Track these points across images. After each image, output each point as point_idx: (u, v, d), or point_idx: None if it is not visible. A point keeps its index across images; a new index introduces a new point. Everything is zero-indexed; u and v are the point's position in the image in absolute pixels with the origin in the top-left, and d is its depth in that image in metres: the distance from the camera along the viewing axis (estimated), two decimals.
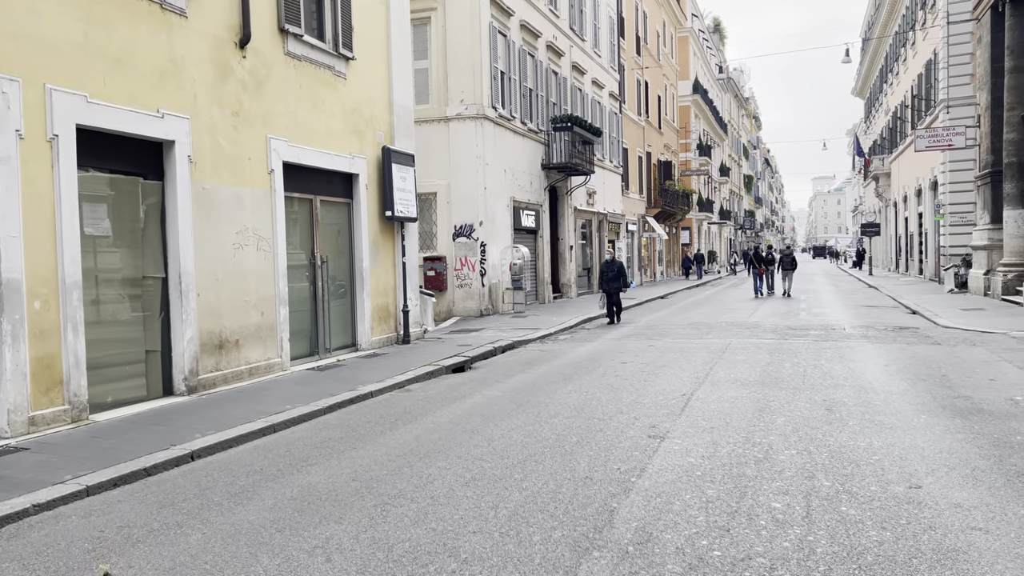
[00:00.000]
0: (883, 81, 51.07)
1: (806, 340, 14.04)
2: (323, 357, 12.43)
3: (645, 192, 39.46)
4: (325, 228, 12.68)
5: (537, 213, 24.20)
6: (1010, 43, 21.12)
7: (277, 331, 11.11)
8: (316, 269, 12.33)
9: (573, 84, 27.49)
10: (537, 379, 10.66)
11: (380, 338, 13.89)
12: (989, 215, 23.37)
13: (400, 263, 14.49)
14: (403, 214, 14.27)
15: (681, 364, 11.50)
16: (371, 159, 13.69)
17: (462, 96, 20.22)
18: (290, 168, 11.55)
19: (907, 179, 40.36)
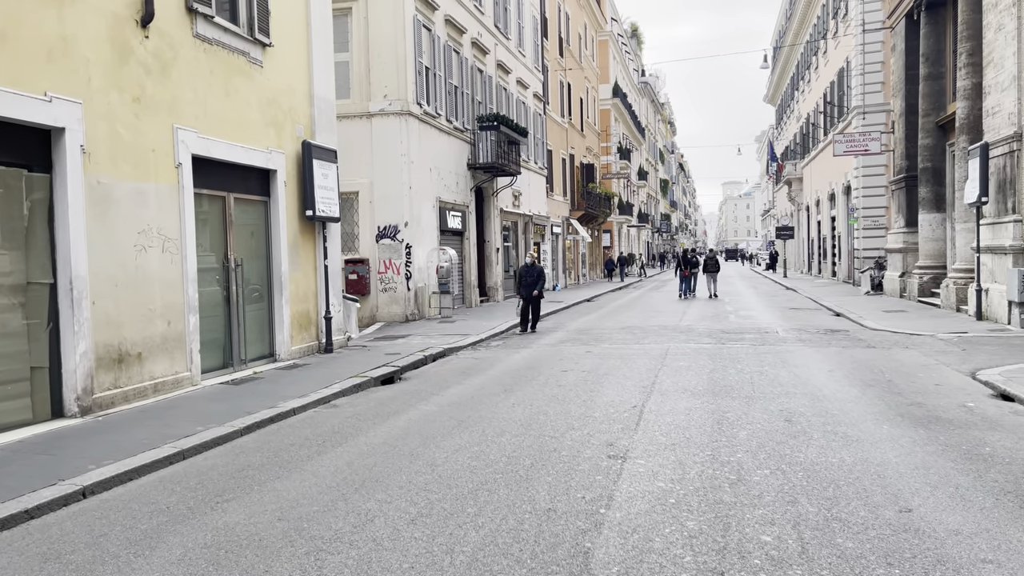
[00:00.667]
0: (794, 88, 52.50)
1: (743, 345, 13.78)
2: (238, 369, 11.39)
3: (569, 195, 39.23)
4: (240, 228, 11.64)
5: (463, 214, 23.47)
6: (925, 51, 21.64)
7: (186, 342, 10.05)
8: (230, 273, 11.28)
9: (498, 83, 26.89)
10: (475, 391, 9.95)
11: (300, 347, 12.90)
12: (904, 219, 23.94)
13: (322, 266, 13.53)
14: (325, 214, 13.33)
15: (624, 372, 10.99)
16: (290, 154, 12.71)
17: (385, 91, 19.32)
18: (200, 162, 10.50)
19: (820, 184, 41.44)
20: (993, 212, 16.07)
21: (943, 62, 21.36)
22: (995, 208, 15.97)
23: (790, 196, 52.77)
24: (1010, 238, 15.18)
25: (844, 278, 34.82)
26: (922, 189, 21.93)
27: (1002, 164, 15.68)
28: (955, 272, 18.69)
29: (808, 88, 45.48)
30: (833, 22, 36.36)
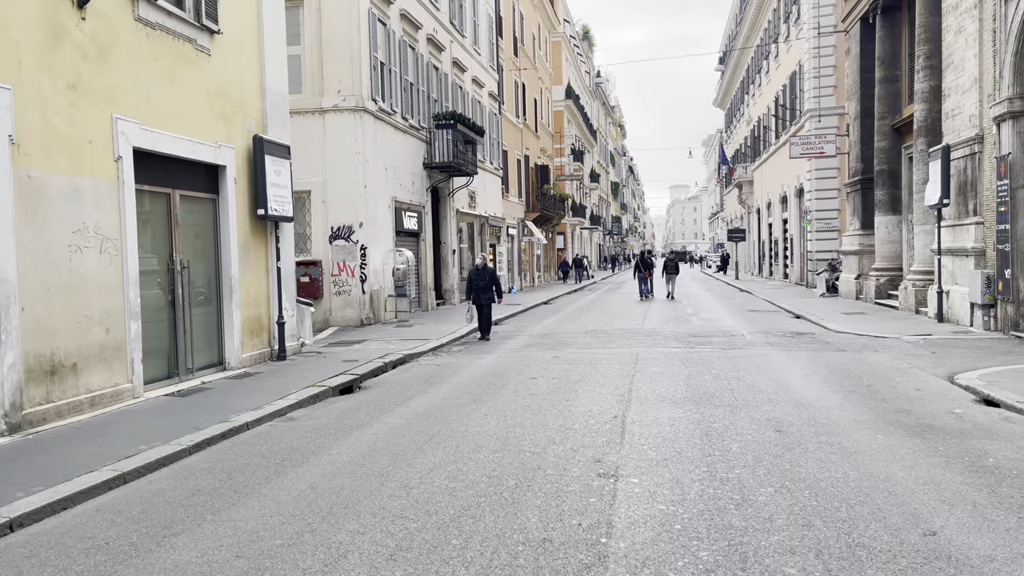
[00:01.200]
0: (744, 92, 53.04)
1: (713, 349, 13.46)
2: (184, 379, 10.61)
3: (524, 196, 38.81)
4: (187, 228, 10.86)
5: (419, 215, 22.82)
6: (881, 54, 21.76)
7: (127, 351, 9.25)
8: (175, 276, 10.49)
9: (454, 81, 26.30)
10: (442, 401, 9.37)
11: (252, 354, 12.14)
12: (859, 221, 24.08)
13: (274, 268, 12.79)
14: (278, 213, 12.59)
15: (596, 379, 10.52)
16: (240, 149, 11.95)
17: (339, 86, 18.58)
18: (143, 156, 9.71)
19: (771, 186, 41.81)
20: (954, 214, 16.10)
21: (899, 65, 21.50)
22: (956, 210, 16.00)
23: (740, 199, 53.27)
24: (971, 240, 15.20)
25: (797, 280, 35.09)
26: (878, 191, 22.04)
27: (963, 166, 15.71)
28: (914, 274, 18.76)
29: (759, 92, 45.92)
30: (785, 26, 36.68)
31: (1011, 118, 13.56)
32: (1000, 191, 13.80)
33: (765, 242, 45.61)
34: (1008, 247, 13.60)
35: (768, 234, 44.44)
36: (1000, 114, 13.77)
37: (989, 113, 14.52)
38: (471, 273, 16.42)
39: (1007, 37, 13.79)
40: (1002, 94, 13.80)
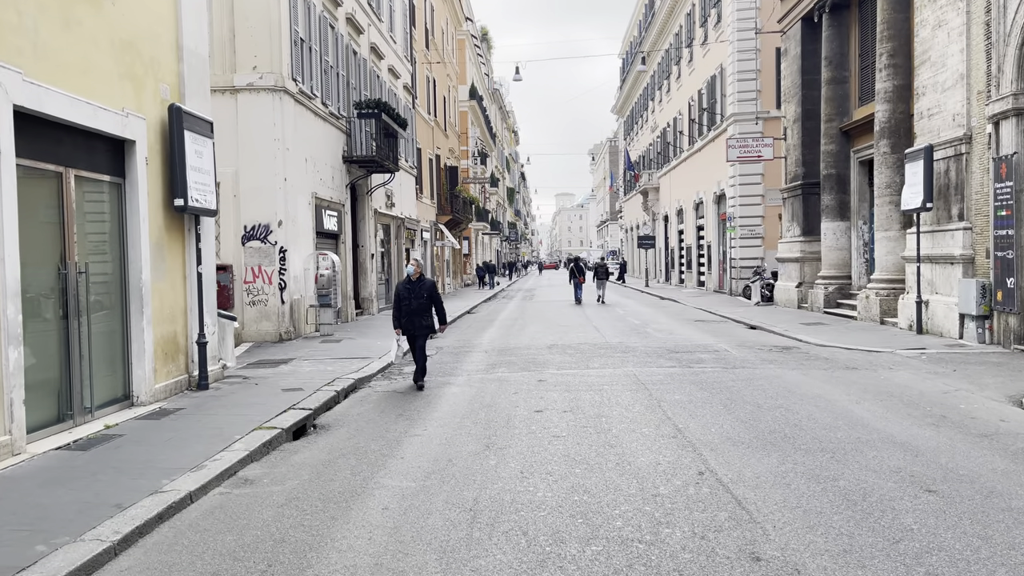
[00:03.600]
0: (649, 99, 52.78)
1: (712, 368, 11.82)
2: (82, 422, 7.93)
3: (435, 198, 36.57)
4: (85, 220, 8.18)
5: (339, 214, 20.28)
6: (828, 54, 21.02)
7: (3, 390, 6.58)
8: (69, 283, 7.81)
9: (372, 68, 23.86)
10: (443, 448, 7.19)
11: (167, 384, 9.51)
12: (799, 227, 23.34)
13: (194, 274, 10.18)
14: (200, 204, 10.01)
15: (619, 411, 8.60)
16: (153, 121, 9.33)
17: (255, 62, 15.92)
18: (27, 120, 7.06)
19: (682, 193, 41.33)
20: (933, 220, 15.22)
21: (847, 66, 20.82)
22: (935, 216, 15.13)
23: (646, 205, 52.91)
24: (959, 247, 14.30)
25: (716, 288, 34.50)
26: (825, 197, 21.28)
27: (944, 168, 14.84)
28: (877, 283, 17.91)
29: (667, 98, 45.53)
30: (702, 30, 36.18)
31: (1015, 115, 12.66)
32: (1000, 194, 12.88)
33: (674, 249, 45.19)
34: (1011, 254, 12.68)
35: (678, 241, 44.02)
36: (1001, 111, 12.85)
37: (982, 111, 13.64)
38: (400, 289, 10.81)
39: (1007, 31, 12.91)
40: (1003, 90, 12.89)
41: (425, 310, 10.64)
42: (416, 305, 10.59)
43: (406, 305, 10.62)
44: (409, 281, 10.73)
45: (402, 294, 10.67)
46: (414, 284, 10.68)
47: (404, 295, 10.65)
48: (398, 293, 10.71)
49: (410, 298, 10.62)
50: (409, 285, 10.69)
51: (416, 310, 10.59)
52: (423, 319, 10.64)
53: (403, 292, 10.68)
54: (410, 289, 10.66)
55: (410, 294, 10.63)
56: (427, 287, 10.69)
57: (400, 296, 10.67)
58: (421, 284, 10.69)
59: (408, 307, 10.61)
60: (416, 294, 10.62)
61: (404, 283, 10.75)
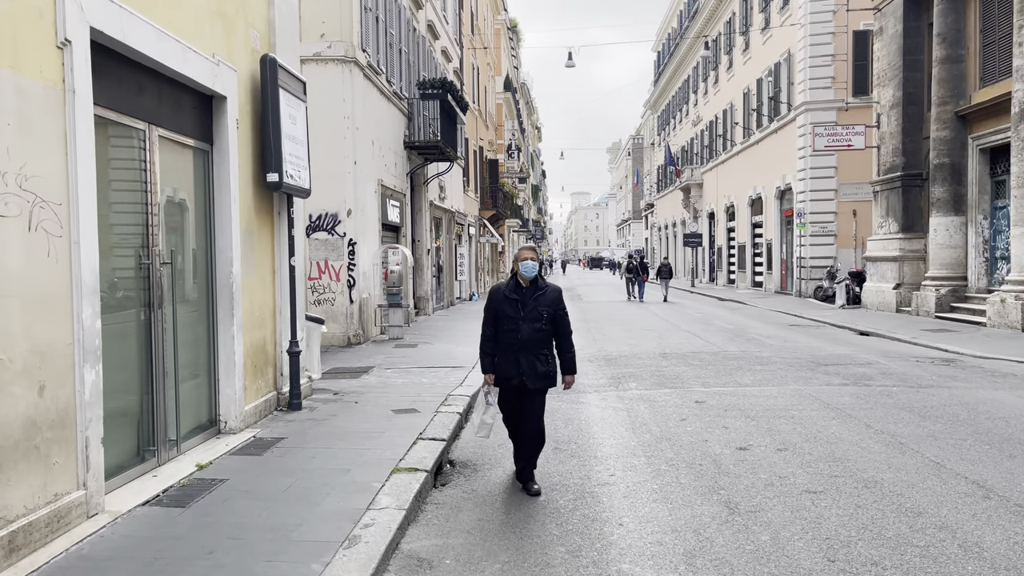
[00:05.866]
0: (692, 92, 50.69)
1: (898, 387, 9.83)
2: (167, 459, 6.04)
3: (478, 192, 34.66)
4: (171, 192, 6.29)
5: (401, 205, 18.40)
6: (941, 29, 18.96)
7: (76, 425, 4.68)
8: (152, 278, 5.91)
9: (428, 48, 21.96)
10: (668, 510, 5.26)
11: (256, 404, 7.62)
12: (898, 223, 21.28)
13: (286, 267, 8.29)
14: (294, 182, 8.12)
15: (856, 452, 6.63)
16: (244, 75, 7.44)
17: (323, 29, 14.03)
18: (105, 54, 5.18)
19: (733, 188, 39.28)
20: None
21: (963, 43, 18.74)
22: None
23: (687, 203, 50.80)
24: None
25: (776, 289, 32.44)
26: (936, 189, 19.21)
27: None
28: (1014, 285, 15.83)
29: (715, 90, 43.47)
30: (761, 15, 34.10)
31: None
32: None
33: (721, 248, 43.13)
34: None
35: (726, 240, 41.95)
36: None
37: None
38: (499, 300, 5.88)
39: None
40: None
41: (544, 342, 5.70)
42: (530, 332, 5.64)
43: (509, 330, 5.69)
44: (518, 287, 5.74)
45: (503, 309, 5.74)
46: (527, 292, 5.71)
47: (508, 311, 5.71)
48: (495, 307, 5.81)
49: (519, 318, 5.65)
50: (518, 294, 5.72)
51: (530, 342, 5.65)
52: (539, 358, 5.67)
53: (505, 306, 5.73)
54: (520, 301, 5.69)
55: (520, 310, 5.66)
56: (550, 298, 5.74)
57: (499, 312, 5.76)
58: (541, 293, 5.72)
59: (514, 334, 5.67)
60: (531, 311, 5.65)
61: (508, 289, 5.79)
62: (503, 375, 5.77)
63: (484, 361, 5.88)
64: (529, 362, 5.66)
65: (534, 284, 5.75)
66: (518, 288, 5.75)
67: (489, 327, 5.84)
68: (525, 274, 5.71)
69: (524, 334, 5.65)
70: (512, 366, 5.70)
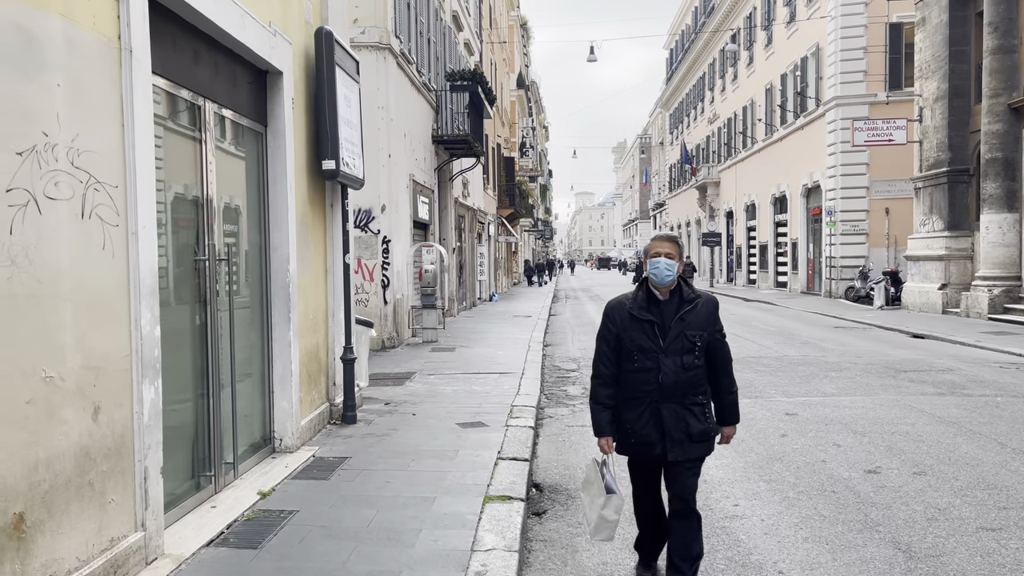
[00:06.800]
0: (707, 89, 49.86)
1: (1005, 398, 9.02)
2: (224, 485, 5.23)
3: (496, 190, 33.87)
4: (225, 178, 5.49)
5: (430, 201, 17.60)
6: (992, 18, 18.14)
7: (133, 456, 3.88)
8: (208, 277, 5.11)
9: (453, 40, 21.17)
10: (829, 555, 4.45)
11: (311, 418, 6.81)
12: (943, 221, 20.45)
13: (339, 265, 7.50)
14: (350, 171, 7.33)
15: (1014, 480, 5.83)
16: (298, 49, 6.64)
17: (356, 13, 13.23)
18: (160, 13, 4.37)
19: (754, 186, 38.44)
20: None
21: (1015, 32, 17.92)
22: None
23: (703, 201, 49.95)
24: None
25: (803, 289, 31.61)
26: (988, 184, 18.38)
27: None
28: None
29: (734, 86, 42.65)
30: (786, 9, 33.26)
31: None
32: None
33: (741, 247, 42.28)
34: None
35: (746, 239, 41.10)
36: None
37: None
38: (623, 321, 3.82)
39: None
40: None
41: (698, 384, 3.78)
42: (677, 372, 3.73)
43: (643, 370, 3.77)
44: (651, 302, 3.82)
45: (631, 337, 3.80)
46: (668, 309, 3.80)
47: (641, 339, 3.78)
48: (617, 333, 3.84)
49: (659, 350, 3.74)
50: (654, 312, 3.80)
51: (677, 386, 3.73)
52: (692, 411, 3.76)
53: (634, 331, 3.79)
54: (658, 323, 3.77)
55: (660, 337, 3.76)
56: (703, 315, 3.80)
57: (624, 341, 3.82)
58: (690, 309, 3.79)
59: (651, 376, 3.75)
60: (677, 338, 3.75)
61: (635, 305, 3.83)
62: (633, 440, 3.78)
63: (598, 416, 3.85)
64: (677, 418, 3.70)
65: (677, 295, 3.77)
66: (651, 302, 3.77)
67: (606, 363, 3.84)
68: (657, 279, 3.72)
69: (668, 375, 3.67)
70: (649, 426, 3.72)
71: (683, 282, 3.84)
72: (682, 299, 3.81)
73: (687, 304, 3.79)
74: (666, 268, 3.74)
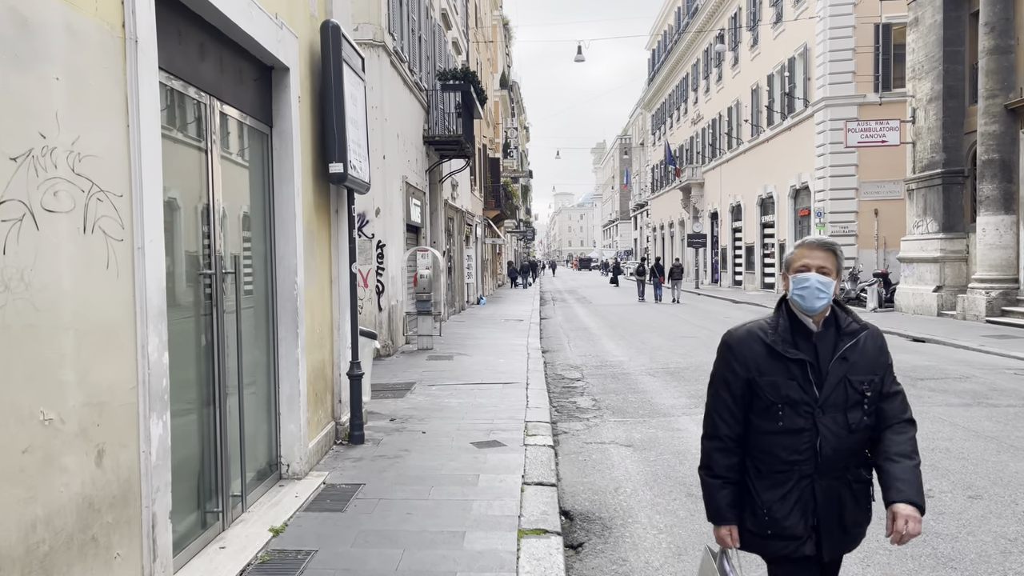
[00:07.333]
0: (691, 90, 49.75)
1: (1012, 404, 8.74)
2: (232, 519, 4.76)
3: (482, 191, 33.43)
4: (231, 183, 5.02)
5: (422, 204, 17.14)
6: (989, 19, 18.01)
7: (140, 502, 3.42)
8: (215, 293, 4.64)
9: (443, 39, 20.73)
10: None
11: (318, 439, 6.35)
12: (938, 222, 20.32)
13: (345, 275, 7.04)
14: (357, 175, 6.87)
15: None
16: (304, 44, 6.19)
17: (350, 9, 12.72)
18: (169, 5, 3.90)
19: (739, 188, 38.34)
20: None
21: (1012, 33, 17.80)
22: None
23: (687, 202, 49.83)
24: None
25: None
26: (984, 186, 18.24)
27: None
28: None
29: (718, 87, 42.54)
30: (772, 9, 33.14)
31: None
32: None
33: (726, 248, 42.16)
34: None
35: (732, 240, 40.99)
36: None
37: None
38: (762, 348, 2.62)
39: None
40: None
41: (863, 447, 2.68)
42: (840, 434, 2.59)
43: (788, 431, 2.61)
44: (797, 332, 2.63)
45: (772, 383, 2.61)
46: (824, 344, 2.62)
47: (787, 387, 2.60)
48: (745, 377, 2.65)
49: (813, 403, 2.58)
50: (803, 347, 2.62)
51: (839, 455, 2.60)
52: (855, 489, 2.67)
53: (777, 374, 2.61)
54: (812, 364, 2.60)
55: (816, 384, 2.59)
56: (871, 353, 2.63)
57: (759, 388, 2.63)
58: (852, 344, 2.61)
59: (804, 440, 2.59)
60: (839, 385, 2.59)
61: (776, 337, 2.63)
62: (771, 531, 2.63)
63: (715, 496, 2.72)
64: (836, 501, 2.61)
65: (832, 325, 2.63)
66: (797, 334, 2.62)
67: (729, 419, 2.69)
68: (805, 304, 2.58)
69: (828, 439, 2.57)
70: (797, 512, 2.60)
71: (838, 308, 2.65)
72: (839, 330, 2.61)
73: (847, 338, 2.59)
74: (819, 288, 2.53)
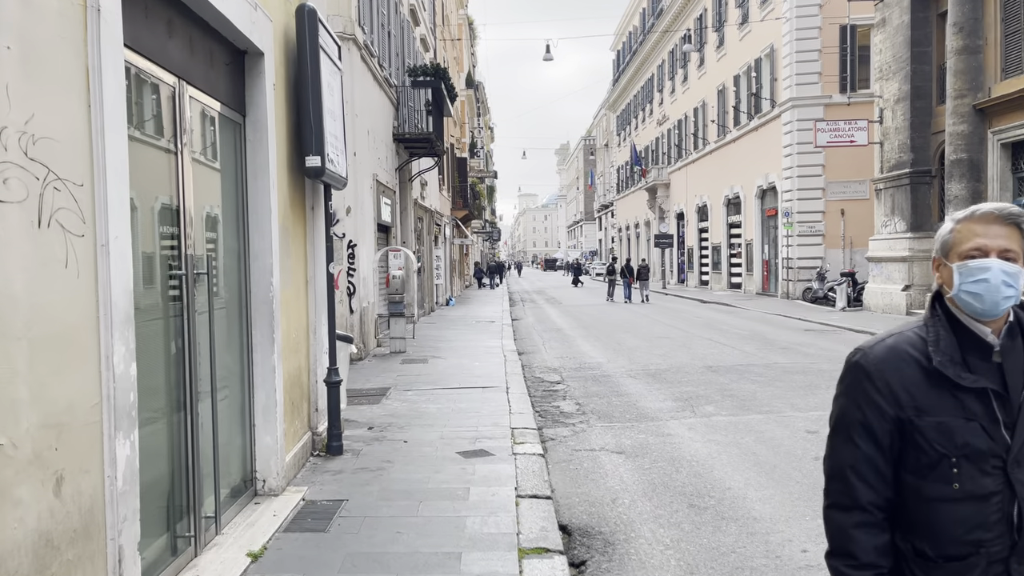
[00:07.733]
0: (656, 91, 49.86)
1: None
2: (206, 544, 4.34)
3: (450, 191, 33.01)
4: (202, 176, 4.60)
5: (392, 203, 16.71)
6: (957, 19, 18.09)
7: (104, 533, 3.00)
8: (186, 296, 4.21)
9: (411, 35, 20.31)
10: None
11: (294, 452, 5.94)
12: (906, 222, 20.43)
13: (322, 276, 6.63)
14: (334, 169, 6.46)
15: None
16: (280, 29, 5.77)
17: None
18: None
19: (706, 188, 38.45)
20: None
21: (981, 33, 17.92)
22: None
23: (652, 203, 49.94)
24: None
25: (758, 291, 31.57)
26: (953, 186, 18.34)
27: None
28: None
29: (683, 88, 42.66)
30: (738, 10, 33.25)
31: None
32: None
33: (692, 249, 42.27)
34: None
35: (698, 240, 41.11)
36: None
37: None
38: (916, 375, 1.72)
39: None
40: None
41: None
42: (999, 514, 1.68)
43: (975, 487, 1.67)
44: (962, 348, 1.71)
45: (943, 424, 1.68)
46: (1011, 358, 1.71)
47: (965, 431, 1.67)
48: (891, 410, 1.72)
49: (1003, 455, 1.66)
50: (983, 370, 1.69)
51: None
52: None
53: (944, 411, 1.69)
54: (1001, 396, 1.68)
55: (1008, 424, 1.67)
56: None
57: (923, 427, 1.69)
58: None
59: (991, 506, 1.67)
60: None
61: (943, 358, 1.69)
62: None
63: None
64: None
65: (1018, 333, 1.75)
66: (969, 350, 1.73)
67: (871, 479, 1.78)
68: (983, 306, 1.69)
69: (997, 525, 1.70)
70: None
71: (1020, 309, 1.78)
72: None
73: None
74: (1005, 282, 1.67)
